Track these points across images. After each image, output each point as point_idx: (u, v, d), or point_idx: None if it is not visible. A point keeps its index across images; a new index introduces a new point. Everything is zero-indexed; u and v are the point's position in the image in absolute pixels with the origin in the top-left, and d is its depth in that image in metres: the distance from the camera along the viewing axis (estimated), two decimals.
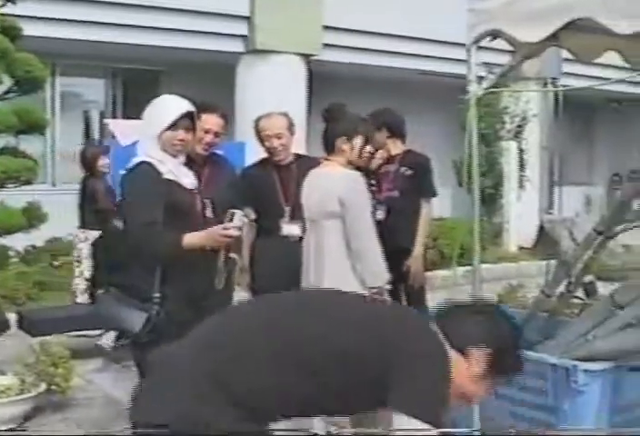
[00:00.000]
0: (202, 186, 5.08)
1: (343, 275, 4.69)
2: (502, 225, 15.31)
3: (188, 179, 4.58)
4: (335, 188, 4.79)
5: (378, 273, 4.79)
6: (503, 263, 13.43)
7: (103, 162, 8.58)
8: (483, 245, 6.49)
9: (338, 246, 4.76)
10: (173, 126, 4.40)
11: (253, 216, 5.67)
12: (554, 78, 16.14)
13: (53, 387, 5.77)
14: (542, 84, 16.16)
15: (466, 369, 2.68)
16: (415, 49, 14.51)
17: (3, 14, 9.97)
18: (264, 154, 5.89)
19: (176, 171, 4.47)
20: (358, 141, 4.92)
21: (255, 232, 5.74)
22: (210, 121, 5.12)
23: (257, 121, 5.85)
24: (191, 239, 4.25)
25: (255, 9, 12.84)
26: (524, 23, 4.14)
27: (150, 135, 4.42)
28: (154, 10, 12.01)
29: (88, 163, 8.65)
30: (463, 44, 4.71)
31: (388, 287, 4.91)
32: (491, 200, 14.59)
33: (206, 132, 5.09)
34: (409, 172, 6.22)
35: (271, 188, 5.69)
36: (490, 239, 14.22)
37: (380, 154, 6.21)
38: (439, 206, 7.57)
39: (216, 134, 5.17)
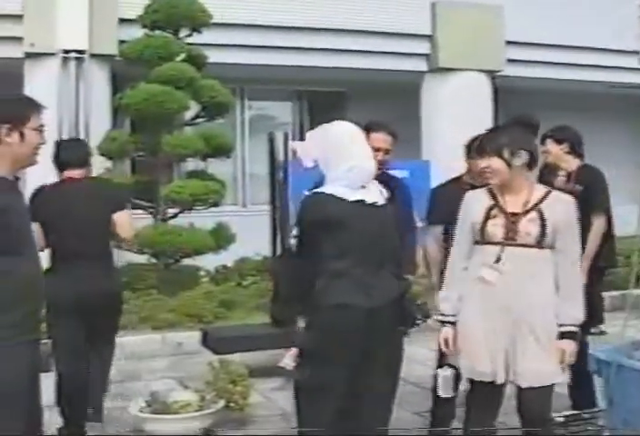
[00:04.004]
0: None
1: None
2: None
3: None
4: None
5: None
6: None
7: None
8: None
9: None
10: None
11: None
12: None
13: (231, 404, 5.88)
14: None
15: None
16: (599, 60, 14.09)
17: (189, 44, 10.42)
18: (452, 173, 5.76)
19: None
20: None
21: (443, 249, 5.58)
22: (379, 139, 5.12)
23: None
24: None
25: (436, 27, 12.83)
26: None
27: None
28: (336, 32, 12.20)
29: None
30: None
31: None
32: None
33: (376, 150, 5.05)
34: (581, 187, 5.99)
35: None
36: None
37: (562, 172, 6.04)
38: (631, 223, 7.24)
39: (387, 152, 5.15)
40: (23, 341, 3.33)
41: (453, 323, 4.17)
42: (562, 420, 5.49)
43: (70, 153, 5.74)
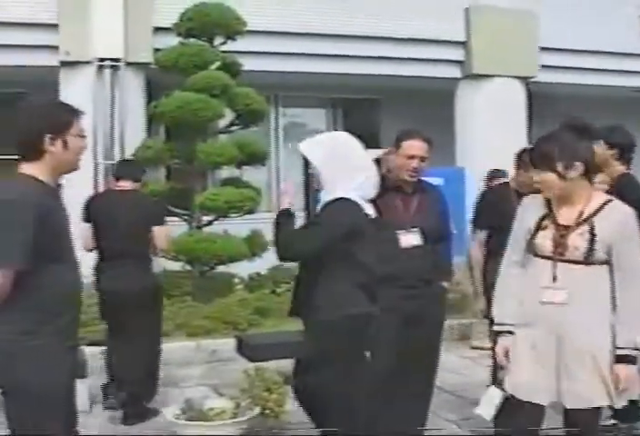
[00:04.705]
0: (411, 214, 5.07)
1: None
2: None
3: None
4: None
5: None
6: None
7: None
8: None
9: None
10: None
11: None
12: None
13: (266, 411, 5.87)
14: None
15: None
16: (633, 66, 13.97)
17: (224, 51, 10.45)
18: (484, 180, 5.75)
19: None
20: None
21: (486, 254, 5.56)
22: (415, 146, 5.07)
23: None
24: None
25: (470, 34, 12.80)
26: None
27: None
28: (369, 39, 12.19)
29: None
30: None
31: None
32: None
33: (411, 158, 5.04)
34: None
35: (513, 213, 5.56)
36: None
37: (600, 178, 5.86)
38: None
39: (422, 159, 5.09)
40: (66, 348, 3.39)
41: (511, 333, 3.93)
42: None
43: (127, 167, 6.98)
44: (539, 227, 3.83)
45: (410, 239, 5.02)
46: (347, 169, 4.31)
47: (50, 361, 3.29)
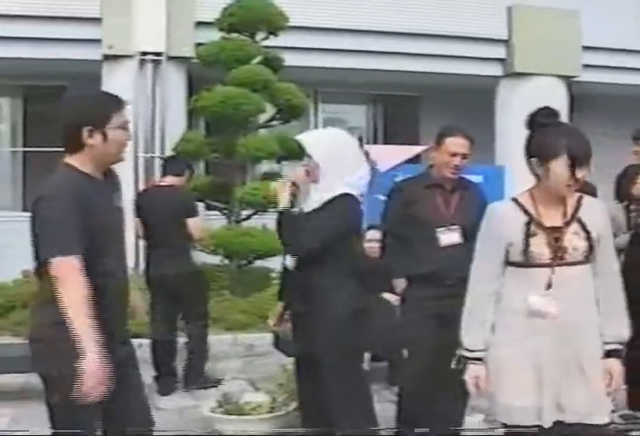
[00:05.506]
0: (452, 212, 5.05)
1: None
2: None
3: None
4: None
5: None
6: None
7: None
8: None
9: None
10: None
11: None
12: None
13: None
14: None
15: None
16: None
17: (266, 47, 10.47)
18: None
19: None
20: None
21: None
22: (456, 143, 5.04)
23: None
24: None
25: (512, 32, 12.72)
26: None
27: None
28: (411, 36, 12.16)
29: None
30: None
31: None
32: None
33: (453, 155, 5.02)
34: None
35: None
36: None
37: None
38: None
39: (464, 157, 5.07)
40: (109, 339, 3.33)
41: (481, 360, 3.58)
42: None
43: (170, 163, 7.80)
44: (528, 235, 3.48)
45: (450, 237, 5.01)
46: (347, 166, 4.41)
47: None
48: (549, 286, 3.45)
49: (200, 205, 8.60)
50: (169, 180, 7.46)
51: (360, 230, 4.41)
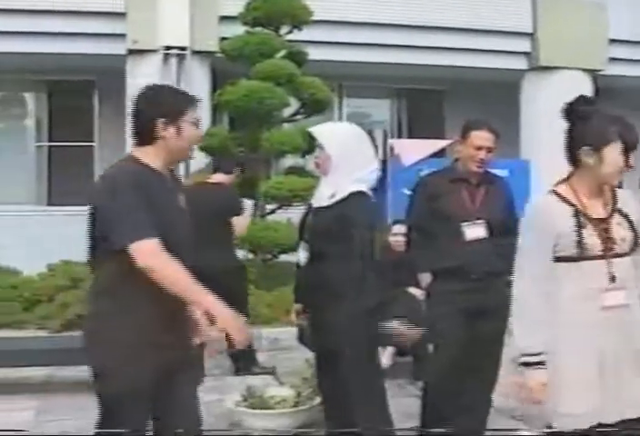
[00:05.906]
0: (477, 206, 5.01)
1: None
2: None
3: None
4: None
5: None
6: None
7: None
8: None
9: None
10: None
11: None
12: None
13: None
14: None
15: None
16: None
17: (290, 41, 10.46)
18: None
19: None
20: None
21: None
22: (482, 137, 4.99)
23: None
24: None
25: (537, 25, 12.65)
26: None
27: None
28: (435, 30, 12.13)
29: None
30: None
31: None
32: None
33: (478, 148, 4.98)
34: None
35: None
36: None
37: None
38: None
39: (489, 150, 5.02)
40: (158, 337, 3.33)
41: (543, 363, 3.36)
42: None
43: (218, 161, 8.06)
44: (580, 226, 3.35)
45: (475, 231, 4.97)
46: (358, 161, 4.38)
47: (138, 349, 3.26)
48: (613, 279, 3.33)
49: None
50: (218, 177, 7.55)
51: (377, 225, 4.37)
